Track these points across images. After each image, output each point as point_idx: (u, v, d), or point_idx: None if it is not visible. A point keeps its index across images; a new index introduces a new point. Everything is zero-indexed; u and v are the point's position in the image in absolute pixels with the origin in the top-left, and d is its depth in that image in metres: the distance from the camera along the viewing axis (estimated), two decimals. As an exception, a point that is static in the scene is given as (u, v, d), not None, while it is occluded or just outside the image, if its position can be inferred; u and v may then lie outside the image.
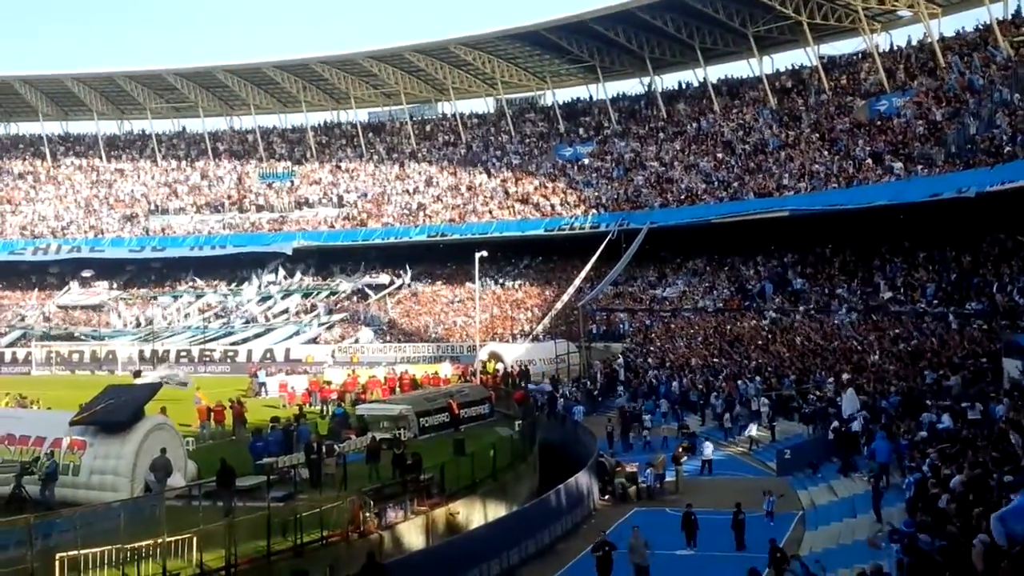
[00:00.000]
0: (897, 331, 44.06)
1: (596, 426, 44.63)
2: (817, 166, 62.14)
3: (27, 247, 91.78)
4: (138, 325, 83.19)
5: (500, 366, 56.89)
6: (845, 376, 39.87)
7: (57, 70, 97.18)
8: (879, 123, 62.49)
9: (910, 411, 32.28)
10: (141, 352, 74.23)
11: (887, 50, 70.05)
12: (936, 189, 49.99)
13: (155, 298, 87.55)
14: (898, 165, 55.90)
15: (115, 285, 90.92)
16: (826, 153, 63.37)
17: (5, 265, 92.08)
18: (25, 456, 27.03)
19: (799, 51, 75.20)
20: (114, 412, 27.71)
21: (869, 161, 58.70)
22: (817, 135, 66.10)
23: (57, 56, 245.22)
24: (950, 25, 67.03)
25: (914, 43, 68.86)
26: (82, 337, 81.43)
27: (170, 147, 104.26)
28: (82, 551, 19.83)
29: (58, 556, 19.66)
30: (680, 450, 38.16)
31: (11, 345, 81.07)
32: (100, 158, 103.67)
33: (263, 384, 57.15)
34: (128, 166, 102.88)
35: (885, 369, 39.31)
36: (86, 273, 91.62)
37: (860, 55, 71.36)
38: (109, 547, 20.27)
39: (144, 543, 20.75)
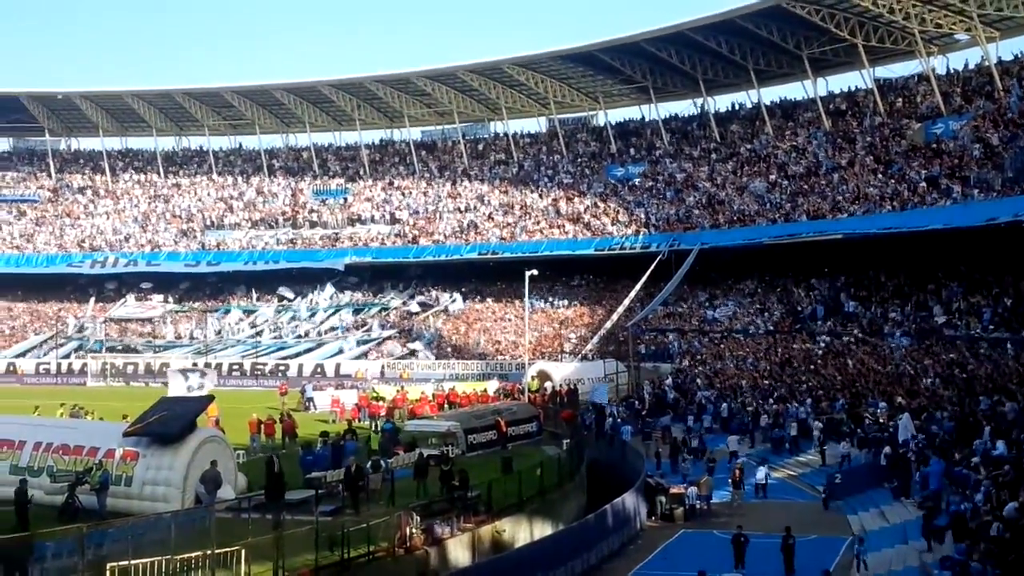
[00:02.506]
0: (952, 356, 43.53)
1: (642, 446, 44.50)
2: (871, 189, 61.60)
3: (85, 260, 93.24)
4: (192, 338, 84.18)
5: (548, 385, 56.77)
6: (899, 400, 39.48)
7: (117, 87, 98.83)
8: (935, 146, 61.80)
9: (964, 437, 31.86)
10: (195, 365, 75.10)
11: (944, 73, 69.30)
12: (993, 213, 49.36)
13: (208, 311, 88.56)
14: (955, 189, 55.29)
15: (171, 299, 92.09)
16: (880, 176, 62.79)
17: (64, 277, 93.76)
18: (79, 466, 27.42)
19: (854, 73, 74.71)
20: (166, 424, 28.03)
21: (924, 184, 58.10)
22: (872, 157, 65.51)
23: (117, 73, 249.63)
24: (1008, 49, 66.26)
25: (971, 66, 68.12)
26: (139, 349, 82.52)
27: (226, 163, 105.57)
28: (133, 561, 20.06)
29: (109, 566, 19.94)
30: (737, 473, 37.92)
31: (67, 356, 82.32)
32: (158, 173, 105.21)
33: (311, 399, 57.40)
34: (185, 181, 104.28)
35: (939, 394, 38.82)
36: (144, 286, 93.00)
37: (916, 78, 70.64)
38: (159, 558, 20.48)
39: (194, 554, 20.94)
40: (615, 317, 68.79)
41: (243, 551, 21.46)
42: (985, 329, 46.21)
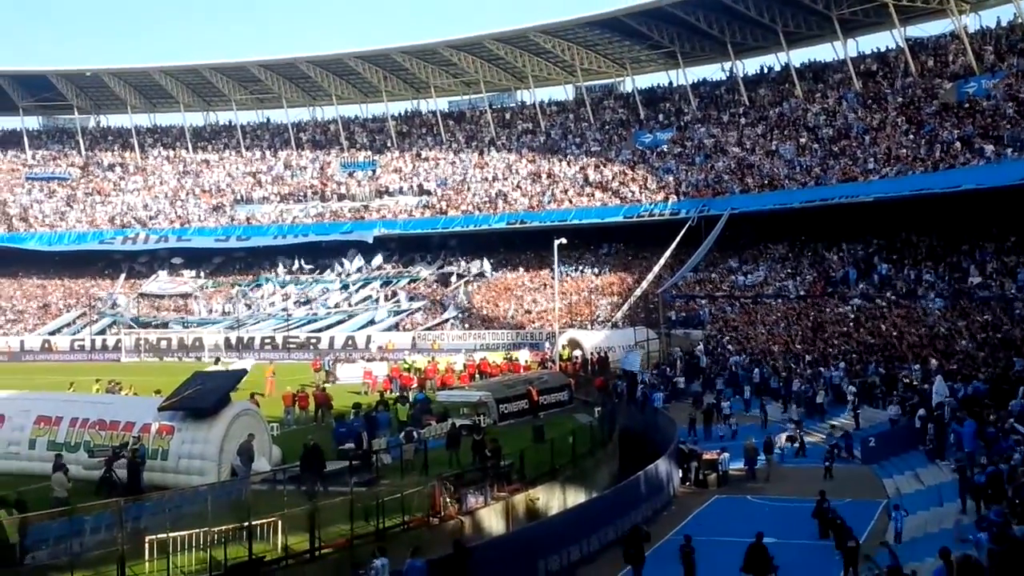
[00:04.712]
0: (986, 317, 43.18)
1: (676, 413, 44.46)
2: (903, 150, 60.99)
3: (116, 236, 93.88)
4: (224, 313, 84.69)
5: (578, 353, 56.78)
6: (933, 362, 39.20)
7: (145, 63, 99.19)
8: (967, 106, 61.05)
9: (998, 399, 31.61)
10: (227, 339, 75.68)
11: (976, 31, 68.38)
12: (1026, 172, 48.90)
13: (238, 286, 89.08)
14: (988, 148, 54.64)
15: (202, 274, 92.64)
16: (912, 137, 62.14)
17: (95, 254, 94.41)
18: (115, 441, 27.69)
19: (884, 33, 73.94)
20: (201, 398, 28.24)
21: (957, 144, 57.45)
22: (903, 118, 64.80)
23: (144, 50, 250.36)
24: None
25: (1004, 24, 67.19)
26: (178, 324, 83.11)
27: (254, 138, 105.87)
28: (170, 534, 20.23)
29: (147, 538, 20.13)
30: (785, 438, 37.92)
31: (101, 333, 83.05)
32: (187, 149, 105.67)
33: (328, 371, 57.54)
34: (214, 157, 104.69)
35: (973, 356, 38.52)
36: (175, 261, 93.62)
37: (948, 36, 69.73)
38: (196, 530, 20.67)
39: (230, 526, 21.10)
40: (645, 284, 68.56)
41: (279, 522, 21.64)
42: (1020, 289, 45.80)
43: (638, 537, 24.37)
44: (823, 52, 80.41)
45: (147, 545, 20.04)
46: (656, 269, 69.22)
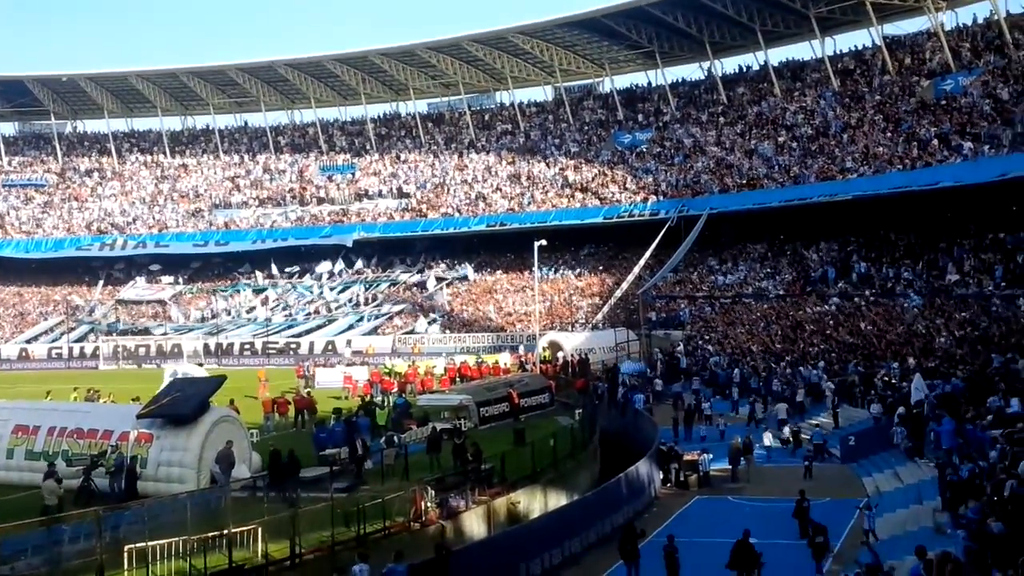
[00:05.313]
0: (964, 314, 43.37)
1: (659, 414, 44.50)
2: (881, 148, 61.23)
3: (94, 243, 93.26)
4: (202, 319, 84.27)
5: (560, 355, 56.74)
6: (911, 360, 39.35)
7: (122, 68, 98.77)
8: (944, 103, 61.38)
9: (977, 396, 31.74)
10: (207, 345, 75.35)
11: (952, 28, 68.75)
12: (1003, 169, 49.22)
13: (216, 292, 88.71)
14: (966, 145, 54.93)
15: (180, 280, 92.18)
16: (890, 134, 62.41)
17: (73, 261, 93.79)
18: (94, 450, 27.52)
19: (862, 32, 74.41)
20: (180, 405, 28.07)
21: (935, 142, 57.72)
22: (881, 116, 65.09)
23: (121, 55, 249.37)
24: (1017, 1, 65.69)
25: (980, 21, 67.63)
26: (156, 331, 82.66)
27: (232, 142, 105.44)
28: (150, 542, 20.09)
29: (126, 547, 19.94)
30: (773, 437, 38.06)
31: (80, 340, 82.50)
32: (164, 154, 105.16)
33: (305, 377, 57.49)
34: (192, 161, 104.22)
35: (951, 353, 38.69)
36: (153, 267, 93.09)
37: (925, 34, 70.10)
38: (176, 538, 20.55)
39: (210, 534, 20.98)
40: (625, 285, 68.62)
41: (259, 529, 21.52)
42: (997, 286, 46.02)
43: (633, 534, 24.50)
44: (801, 51, 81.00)
45: (126, 554, 19.84)
46: (636, 270, 69.33)
